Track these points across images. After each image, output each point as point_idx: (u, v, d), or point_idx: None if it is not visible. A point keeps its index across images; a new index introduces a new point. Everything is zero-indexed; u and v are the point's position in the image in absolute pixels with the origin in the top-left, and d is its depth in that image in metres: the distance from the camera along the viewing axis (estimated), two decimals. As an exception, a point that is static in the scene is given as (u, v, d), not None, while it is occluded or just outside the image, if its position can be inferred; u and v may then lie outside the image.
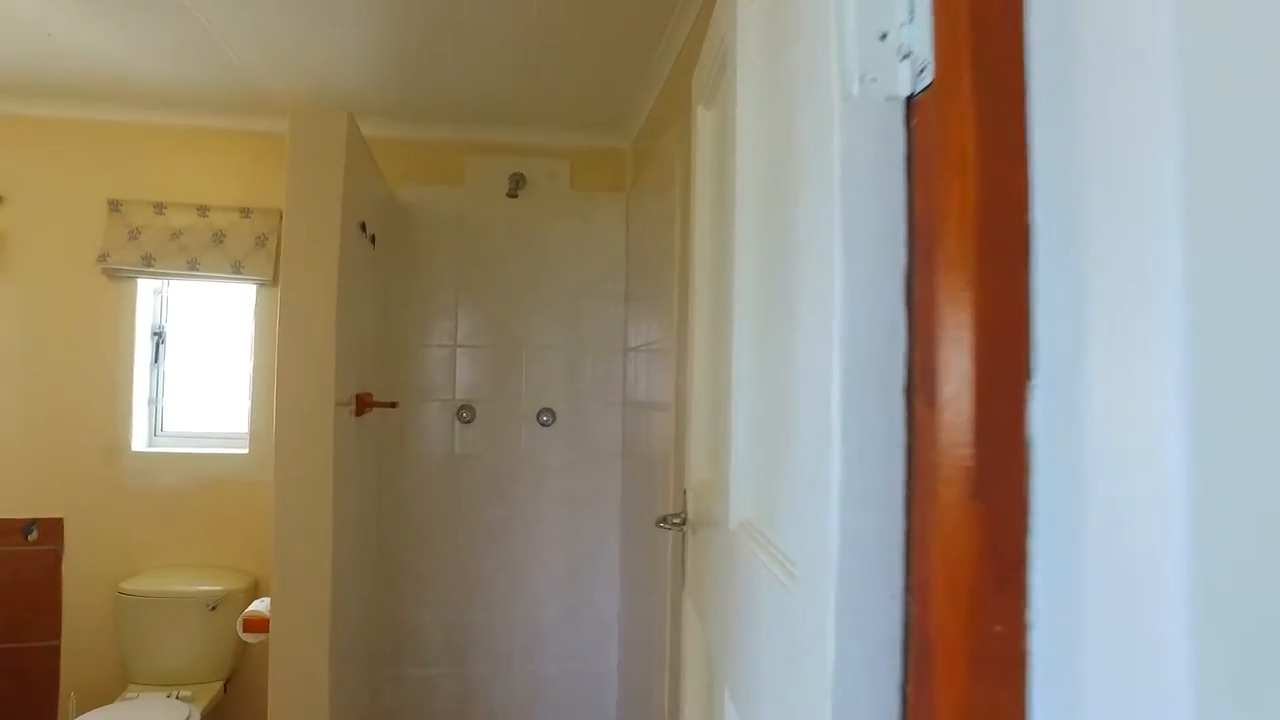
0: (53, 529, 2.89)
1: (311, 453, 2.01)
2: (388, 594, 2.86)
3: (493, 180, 3.05)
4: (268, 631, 2.01)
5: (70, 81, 2.70)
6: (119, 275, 2.90)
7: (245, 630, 2.12)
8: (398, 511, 2.87)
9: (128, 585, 2.74)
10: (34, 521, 2.88)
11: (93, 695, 2.88)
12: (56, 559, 2.89)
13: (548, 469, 2.97)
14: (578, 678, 2.97)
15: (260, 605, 2.12)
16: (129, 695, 2.63)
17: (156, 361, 3.06)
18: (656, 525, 1.32)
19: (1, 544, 2.87)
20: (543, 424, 2.95)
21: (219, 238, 2.88)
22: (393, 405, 2.45)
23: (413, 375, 2.92)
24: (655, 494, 2.37)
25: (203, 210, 2.91)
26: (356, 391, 2.36)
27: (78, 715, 2.87)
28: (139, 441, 2.98)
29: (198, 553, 2.93)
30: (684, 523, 1.31)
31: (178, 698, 2.59)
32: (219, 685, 2.75)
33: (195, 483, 2.95)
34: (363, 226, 2.36)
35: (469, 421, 2.91)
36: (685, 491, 1.34)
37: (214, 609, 2.71)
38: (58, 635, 2.89)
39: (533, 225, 3.05)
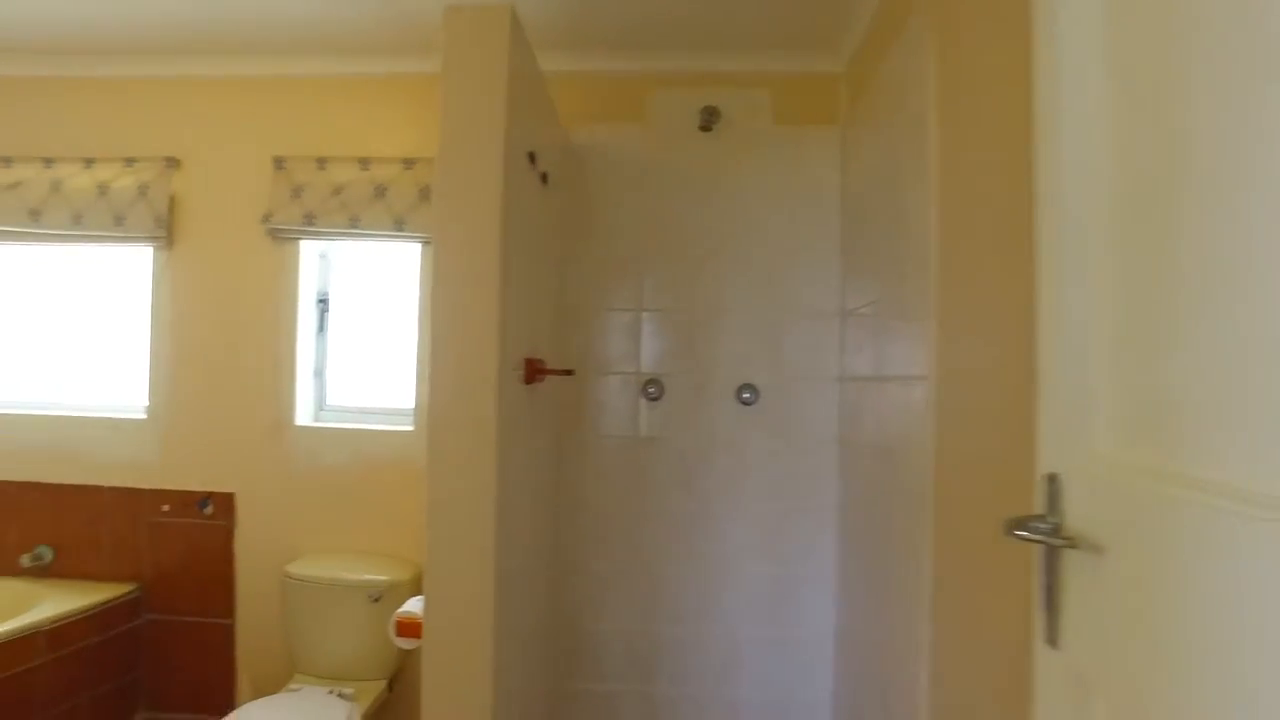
0: (225, 504, 2.75)
1: (470, 424, 1.63)
2: (563, 597, 2.48)
3: (680, 116, 2.59)
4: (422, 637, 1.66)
5: (231, 31, 2.52)
6: (282, 237, 2.71)
7: (399, 634, 1.79)
8: (574, 502, 2.48)
9: (292, 568, 2.54)
10: (209, 495, 2.76)
11: (265, 679, 2.72)
12: (229, 535, 2.76)
13: (749, 456, 2.47)
14: (783, 707, 2.46)
15: (416, 605, 1.78)
16: (293, 686, 2.41)
17: (321, 330, 2.85)
18: (1009, 534, 0.78)
19: (181, 515, 2.77)
20: (744, 403, 2.46)
21: (380, 192, 2.62)
22: (568, 373, 2.05)
23: (591, 344, 2.51)
24: (900, 489, 1.81)
25: (364, 163, 2.66)
26: (526, 355, 1.98)
27: (250, 700, 2.73)
28: (304, 416, 2.79)
29: (362, 537, 2.69)
30: (1056, 531, 0.77)
31: (340, 695, 2.34)
32: (383, 684, 2.48)
33: (359, 461, 2.71)
34: (531, 158, 1.97)
35: (656, 398, 2.47)
36: (1052, 482, 0.79)
37: (377, 601, 2.45)
38: (232, 614, 2.76)
39: (728, 167, 2.56)
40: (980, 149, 1.43)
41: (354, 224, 2.59)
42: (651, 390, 2.46)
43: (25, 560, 2.79)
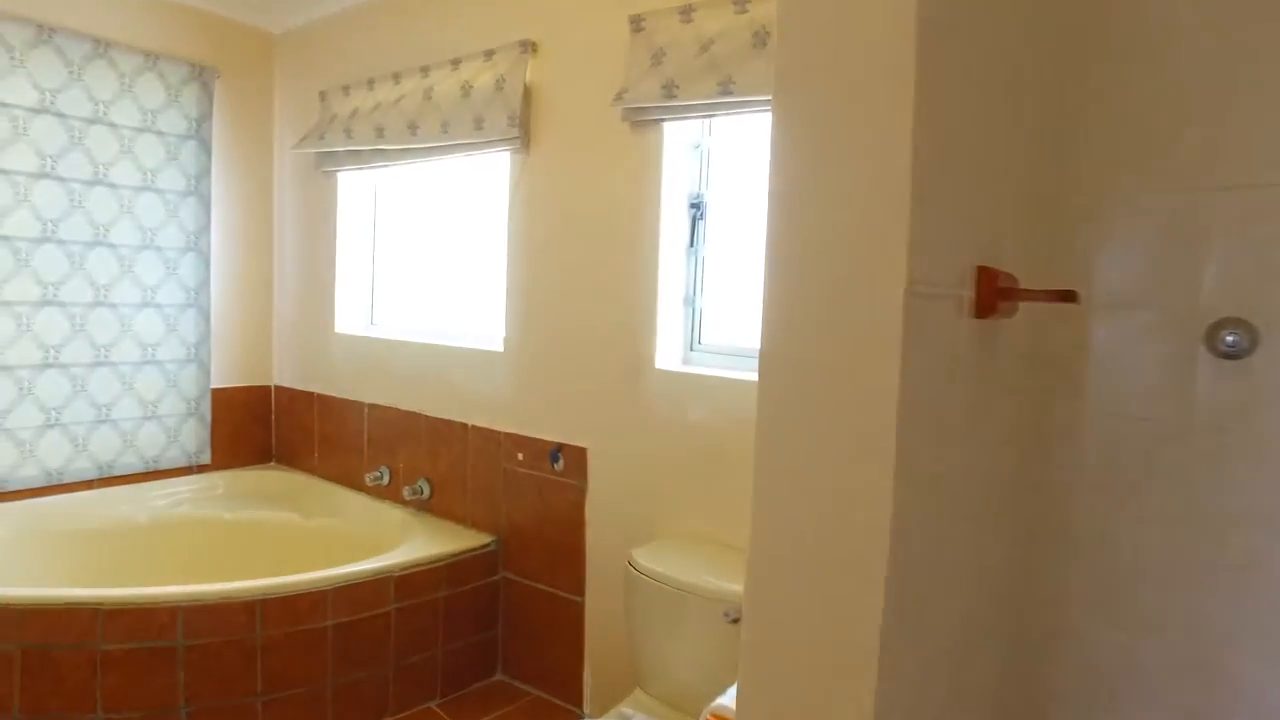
0: (577, 459, 2.30)
1: (840, 384, 0.77)
2: (1033, 683, 1.48)
3: None
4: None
5: None
6: (641, 120, 2.08)
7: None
8: (1056, 527, 1.43)
9: (639, 556, 1.95)
10: (560, 447, 2.33)
11: (608, 680, 2.24)
12: (580, 498, 2.30)
13: None
14: None
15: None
16: (625, 710, 1.84)
17: (693, 245, 2.19)
18: None
19: (533, 467, 2.40)
20: None
21: (761, 39, 1.81)
22: (1067, 298, 1.04)
23: (1096, 255, 1.41)
24: None
25: (740, 3, 1.88)
26: (977, 263, 1.02)
27: (591, 700, 2.27)
28: (667, 357, 2.17)
29: (731, 523, 2.00)
30: None
31: (680, 742, 1.71)
32: (740, 736, 1.78)
33: (736, 421, 2.00)
34: None
35: (1236, 354, 1.28)
36: None
37: (736, 622, 1.74)
38: (582, 591, 2.32)
39: None
40: None
41: (725, 88, 1.84)
42: (1229, 341, 1.28)
43: (407, 493, 2.70)
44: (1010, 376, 1.27)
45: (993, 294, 1.01)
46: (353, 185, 3.00)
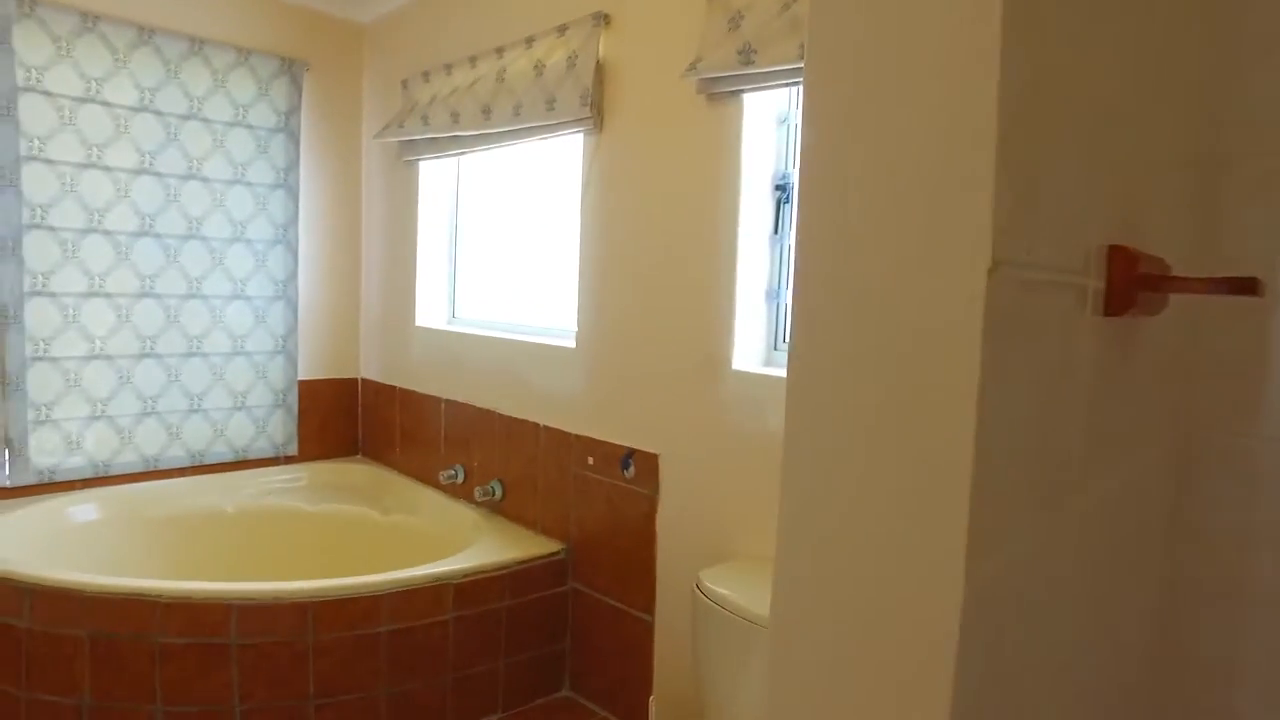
0: (649, 467, 2.11)
1: (894, 402, 0.55)
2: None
3: None
4: None
5: None
6: (718, 93, 1.87)
7: None
8: (1216, 588, 1.12)
9: (707, 577, 1.75)
10: (632, 453, 2.16)
11: (675, 710, 2.05)
12: (651, 509, 2.11)
13: None
14: None
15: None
16: (689, 753, 1.65)
17: (776, 232, 1.96)
18: None
19: (604, 473, 2.24)
20: None
21: (854, -11, 1.57)
22: (1244, 288, 0.77)
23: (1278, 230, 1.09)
24: None
25: (833, -51, 1.63)
26: (1109, 241, 0.76)
27: (659, 731, 2.08)
28: (748, 357, 1.95)
29: (809, 546, 1.76)
30: None
31: (744, 798, 1.49)
32: (815, 794, 1.55)
33: (821, 429, 1.76)
34: None
35: None
36: None
37: (809, 663, 1.51)
38: (651, 610, 2.14)
39: None
40: None
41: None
42: None
43: (478, 493, 2.59)
44: (1155, 392, 0.99)
45: (1131, 282, 0.75)
46: (433, 175, 2.93)
